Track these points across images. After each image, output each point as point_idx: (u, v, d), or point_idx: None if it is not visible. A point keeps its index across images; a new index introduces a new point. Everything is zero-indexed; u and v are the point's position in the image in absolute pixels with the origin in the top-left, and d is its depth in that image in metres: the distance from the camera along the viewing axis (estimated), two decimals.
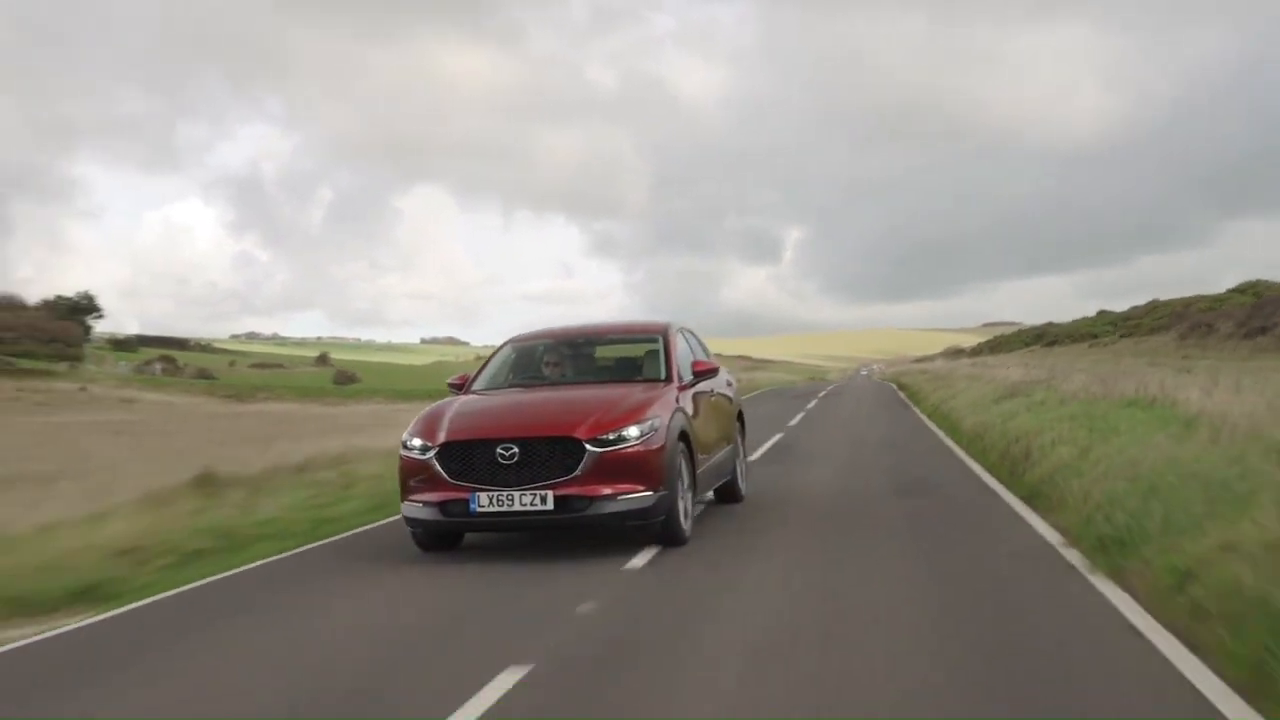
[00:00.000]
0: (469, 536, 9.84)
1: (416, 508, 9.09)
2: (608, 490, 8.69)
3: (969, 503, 11.43)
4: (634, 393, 9.51)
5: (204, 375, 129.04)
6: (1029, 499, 10.96)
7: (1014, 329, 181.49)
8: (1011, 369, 35.92)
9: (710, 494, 11.29)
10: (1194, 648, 5.58)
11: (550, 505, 8.62)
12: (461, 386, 10.65)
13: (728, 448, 11.44)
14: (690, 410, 9.95)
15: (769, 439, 21.24)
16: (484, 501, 8.70)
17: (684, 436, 9.46)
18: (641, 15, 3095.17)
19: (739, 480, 12.00)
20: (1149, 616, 6.30)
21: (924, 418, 27.39)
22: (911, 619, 6.63)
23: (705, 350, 11.80)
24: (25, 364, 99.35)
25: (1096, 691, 5.10)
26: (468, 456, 8.85)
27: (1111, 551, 7.63)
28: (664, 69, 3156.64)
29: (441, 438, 9.01)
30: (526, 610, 7.46)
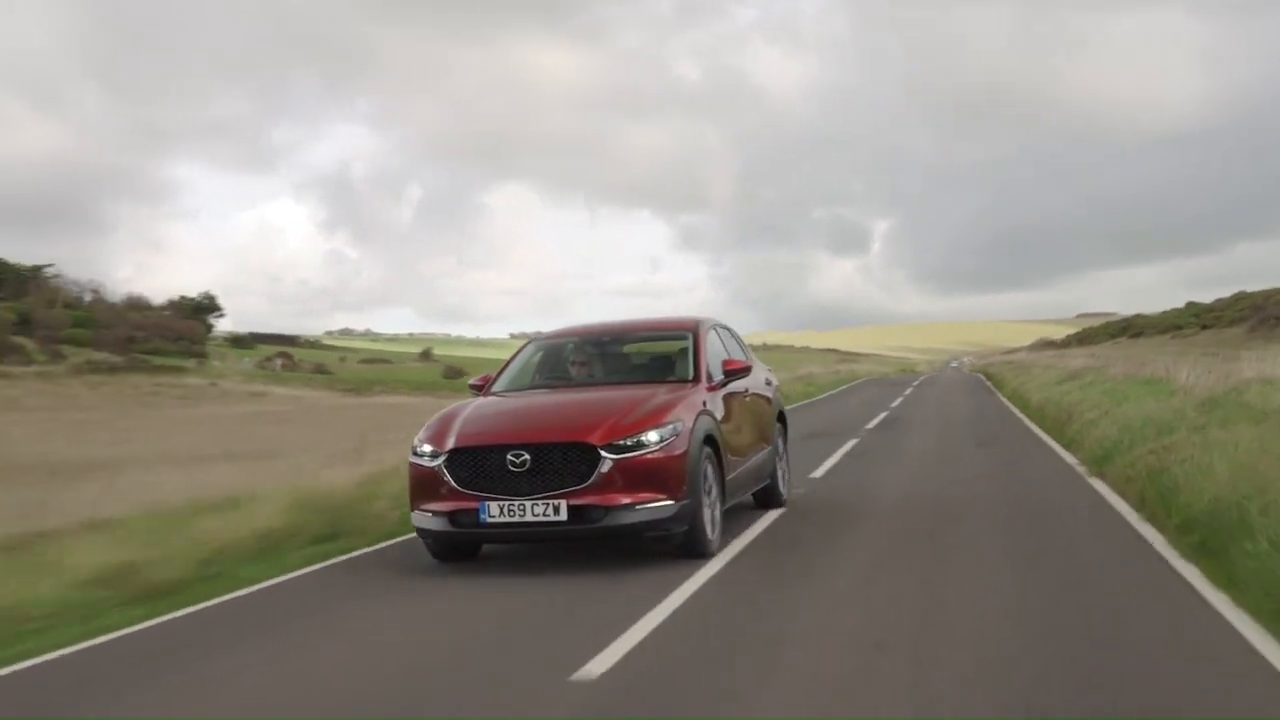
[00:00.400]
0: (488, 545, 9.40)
1: (426, 518, 8.67)
2: (625, 499, 8.21)
3: (1026, 447, 17.46)
4: (656, 395, 9.01)
5: (321, 370, 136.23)
6: (1065, 444, 16.98)
7: (1105, 320, 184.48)
8: (1078, 359, 41.75)
9: (749, 498, 11.05)
10: (1120, 495, 11.47)
11: (564, 515, 8.17)
12: (483, 388, 10.28)
13: (764, 451, 10.97)
14: (719, 412, 9.49)
15: (879, 415, 27.32)
16: (494, 511, 8.25)
17: (710, 441, 8.98)
18: (725, 8, 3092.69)
19: (779, 484, 11.53)
20: (1106, 486, 12.23)
21: (1003, 398, 33.66)
22: (988, 492, 12.65)
23: (743, 348, 11.47)
24: (157, 361, 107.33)
25: (1073, 509, 11.00)
26: (477, 463, 8.42)
27: (1100, 464, 13.52)
28: (748, 61, 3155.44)
29: (450, 443, 8.58)
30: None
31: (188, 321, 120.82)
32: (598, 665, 5.96)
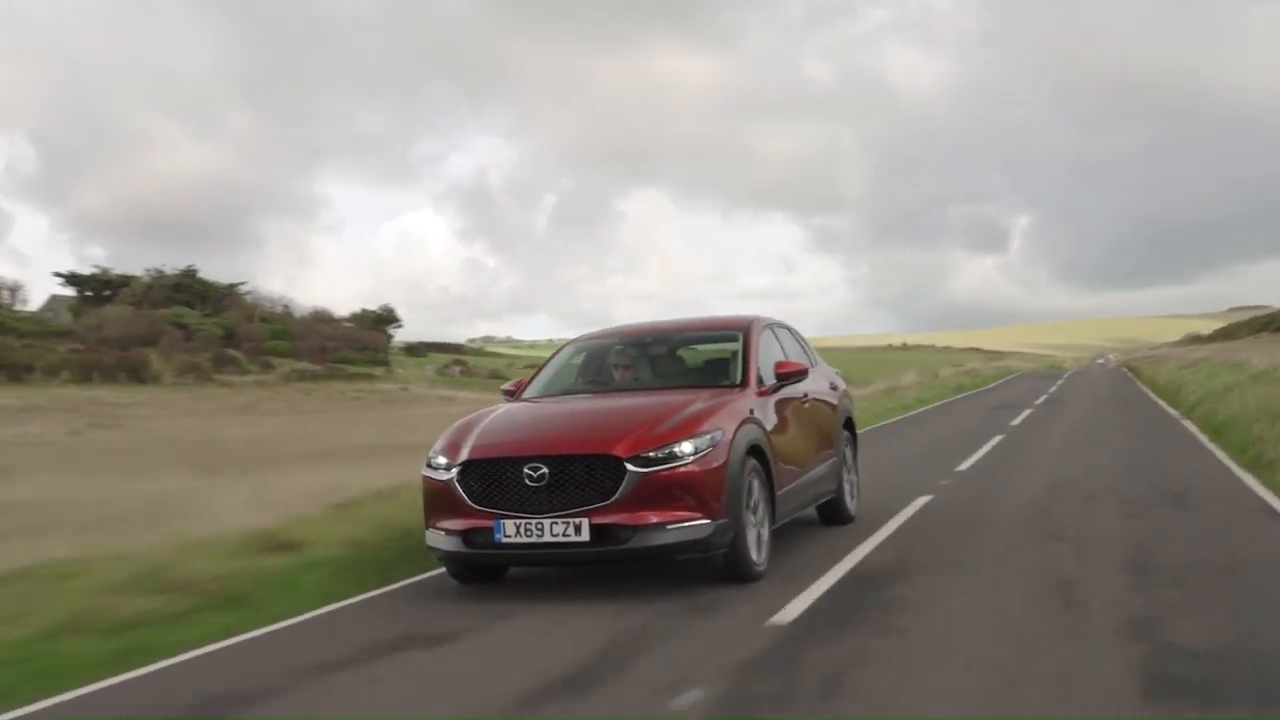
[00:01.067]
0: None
1: (439, 537, 7.93)
2: (655, 518, 7.38)
3: (1146, 406, 28.09)
4: (695, 401, 8.18)
5: (495, 376, 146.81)
6: (1169, 403, 27.69)
7: (1255, 313, 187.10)
8: (1201, 351, 51.27)
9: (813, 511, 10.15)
10: (1189, 419, 21.80)
11: (586, 536, 7.36)
12: (516, 392, 9.69)
13: (826, 462, 10.06)
14: (770, 420, 8.66)
15: (1041, 396, 37.54)
16: (510, 530, 7.48)
17: (756, 451, 8.13)
18: (857, 8, 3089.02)
19: (846, 498, 10.56)
20: (1183, 416, 22.83)
21: (1138, 383, 43.28)
22: (1122, 423, 23.31)
23: (806, 350, 10.76)
24: (350, 369, 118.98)
25: (1163, 425, 21.12)
26: (491, 477, 7.68)
27: (1184, 409, 23.65)
28: (882, 60, 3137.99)
29: (464, 455, 7.85)
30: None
31: (370, 332, 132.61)
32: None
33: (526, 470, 7.62)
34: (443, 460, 8.07)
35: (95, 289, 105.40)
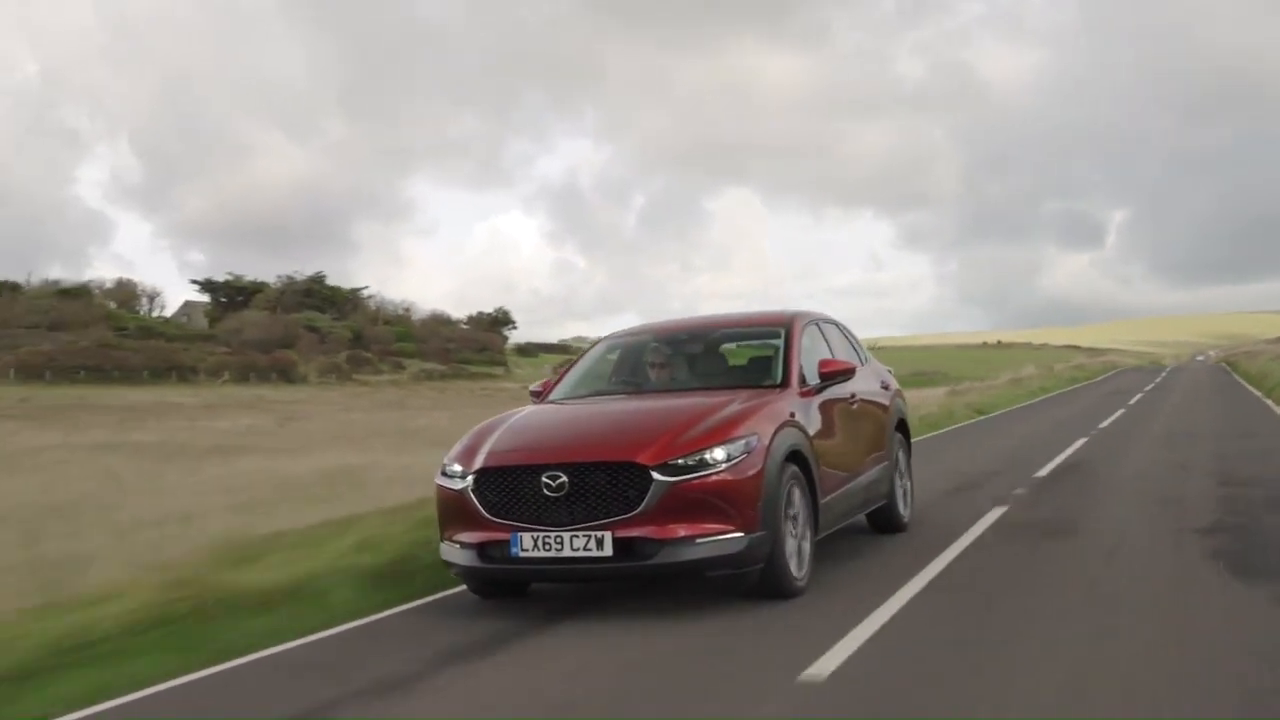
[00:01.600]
0: None
1: (454, 550, 7.34)
2: (683, 531, 6.77)
3: (1238, 390, 33.92)
4: (731, 404, 7.50)
5: None
6: (1254, 386, 33.33)
7: None
8: None
9: (863, 517, 9.49)
10: (1270, 398, 27.47)
11: (609, 550, 6.75)
12: (543, 394, 8.98)
13: (877, 467, 9.31)
14: (813, 423, 7.97)
15: (1149, 385, 43.84)
16: (527, 544, 6.89)
17: (797, 457, 7.49)
18: (948, 4, 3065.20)
19: (899, 505, 9.84)
20: (1265, 395, 28.63)
21: (1235, 375, 49.54)
22: (1214, 403, 29.22)
23: (856, 347, 10.06)
24: (471, 369, 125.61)
25: (1249, 402, 27.25)
26: (508, 487, 7.07)
27: (1271, 393, 29.48)
28: (974, 55, 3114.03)
29: (479, 462, 7.24)
30: None
31: (488, 333, 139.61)
32: None
33: (545, 479, 6.89)
34: (457, 468, 7.37)
35: (229, 295, 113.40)
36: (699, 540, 6.87)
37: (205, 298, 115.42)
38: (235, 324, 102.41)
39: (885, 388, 10.17)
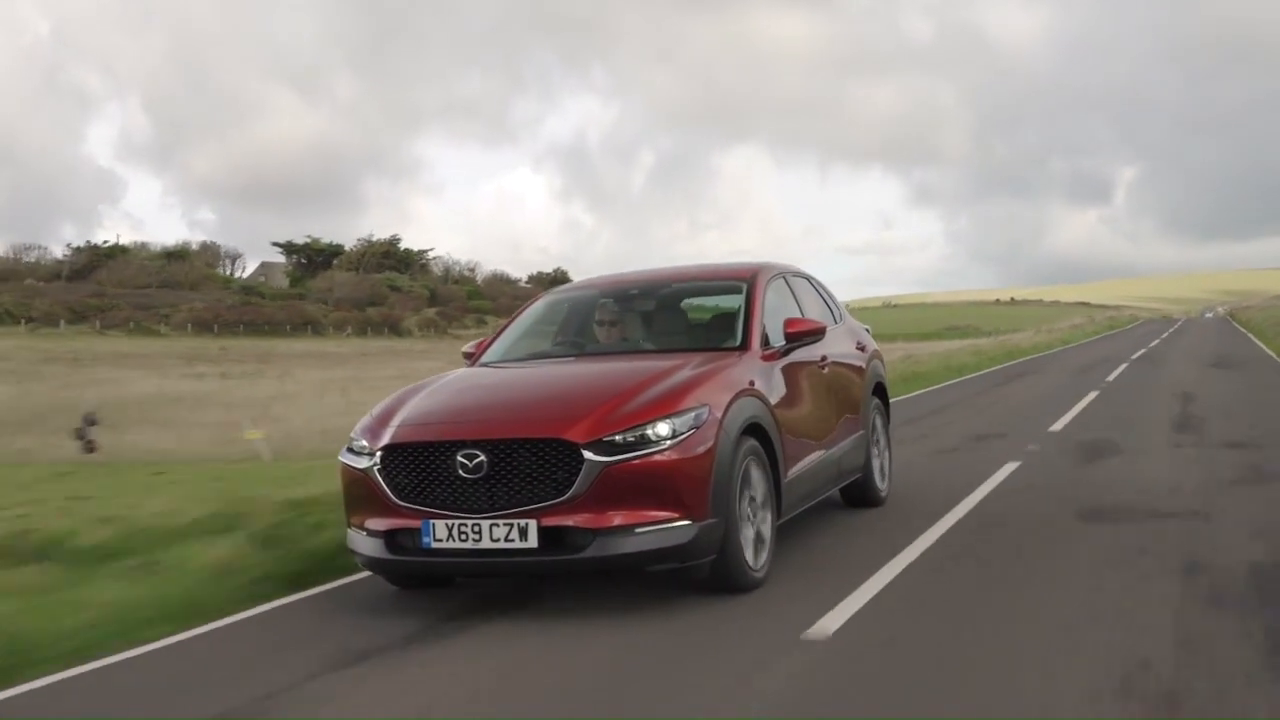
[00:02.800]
0: None
1: (360, 537, 6.43)
2: (620, 519, 5.88)
3: (1235, 335, 47.62)
4: (680, 369, 6.59)
5: None
6: (1249, 331, 47.17)
7: None
8: None
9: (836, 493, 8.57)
10: (1261, 340, 40.95)
11: (533, 541, 5.86)
12: (476, 355, 8.11)
13: (849, 438, 8.38)
14: (775, 390, 7.07)
15: (1166, 332, 57.97)
16: (440, 533, 6.01)
17: (756, 430, 6.58)
18: None
19: (875, 478, 8.99)
20: (1256, 338, 42.02)
21: (1235, 324, 64.46)
22: (1219, 338, 42.67)
23: (830, 303, 9.17)
24: None
25: (1243, 343, 39.91)
26: (418, 467, 6.15)
27: (1260, 335, 43.36)
28: (981, 15, 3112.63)
29: (385, 438, 6.32)
30: None
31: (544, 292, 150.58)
32: None
33: (460, 458, 5.91)
34: (363, 443, 6.37)
35: (309, 256, 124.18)
36: (639, 530, 5.81)
37: (281, 259, 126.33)
38: (326, 284, 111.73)
39: (861, 349, 9.15)
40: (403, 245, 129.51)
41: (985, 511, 8.47)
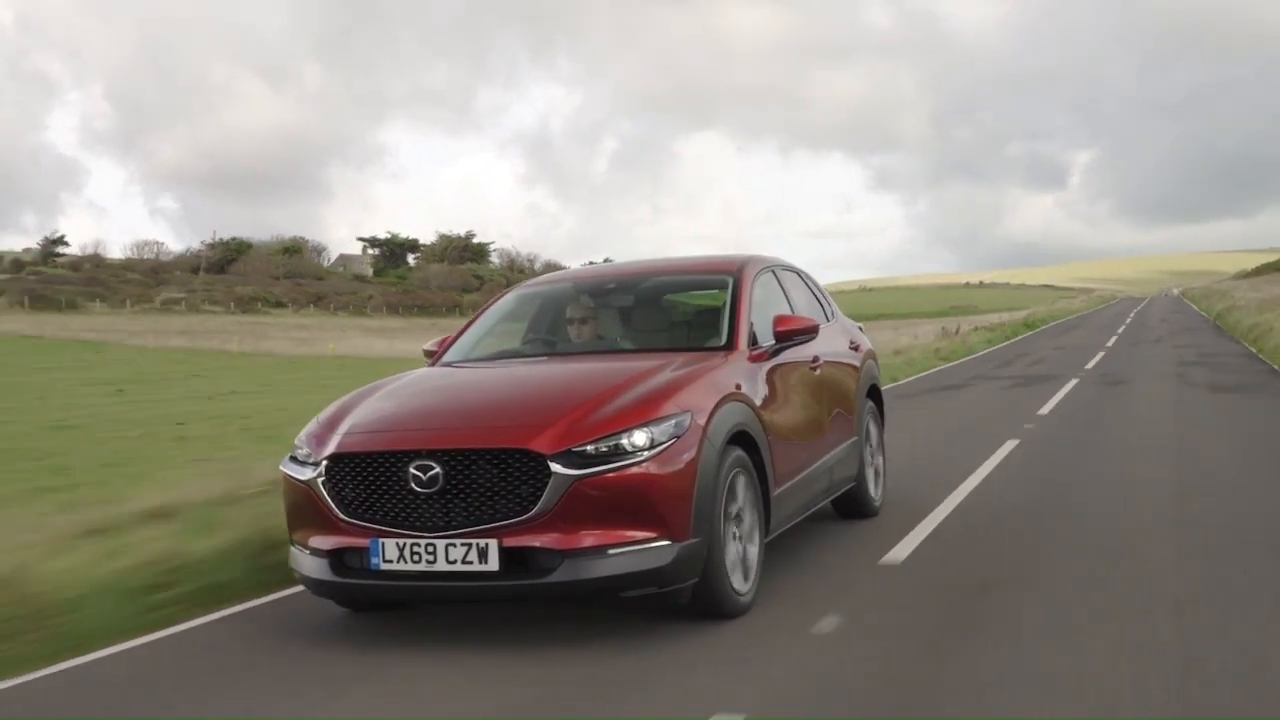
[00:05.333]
0: None
1: (303, 557, 5.89)
2: (592, 539, 5.35)
3: (1186, 311, 75.56)
4: (661, 370, 6.12)
5: None
6: (1199, 308, 75.40)
7: None
8: (1242, 283, 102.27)
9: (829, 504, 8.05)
10: (1204, 315, 68.43)
11: (494, 564, 5.34)
12: (438, 354, 7.55)
13: (843, 445, 7.98)
14: (761, 393, 6.58)
15: (1140, 305, 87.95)
16: (390, 554, 5.47)
17: (742, 439, 6.12)
18: None
19: (869, 487, 8.55)
20: (1204, 313, 69.07)
21: (1187, 301, 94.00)
22: (1177, 314, 69.57)
23: (821, 298, 8.79)
24: None
25: (1193, 316, 66.74)
26: (366, 479, 5.63)
27: (1208, 312, 71.92)
28: (938, 4, 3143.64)
29: (331, 446, 5.78)
30: None
31: None
32: None
33: (413, 470, 5.42)
34: (304, 451, 5.89)
35: (391, 249, 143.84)
36: (612, 551, 5.31)
37: (357, 250, 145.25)
38: (423, 274, 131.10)
39: (855, 348, 8.68)
40: (476, 240, 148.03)
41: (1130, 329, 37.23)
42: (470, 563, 5.35)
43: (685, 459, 5.55)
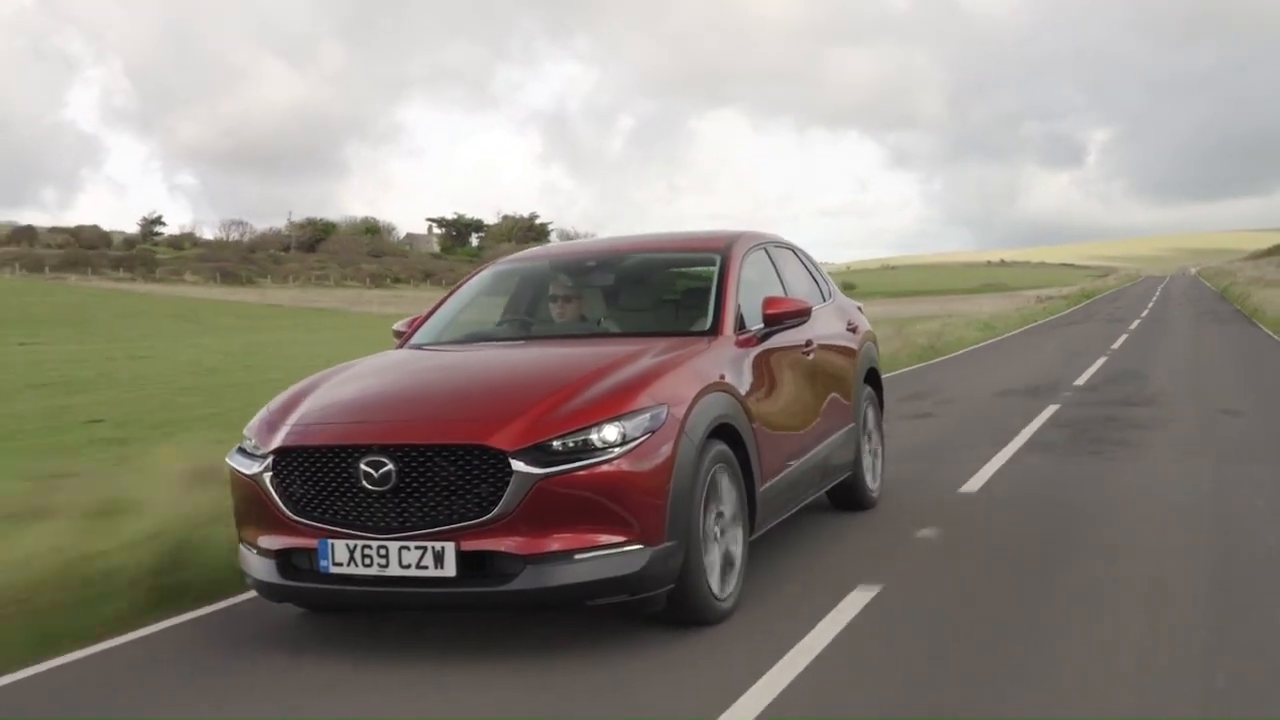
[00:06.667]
0: None
1: (250, 556, 5.66)
2: (557, 543, 5.07)
3: (1201, 288, 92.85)
4: (638, 357, 5.82)
5: None
6: (1212, 286, 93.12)
7: None
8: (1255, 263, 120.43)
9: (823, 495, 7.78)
10: (1222, 296, 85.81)
11: (451, 569, 5.07)
12: (407, 335, 7.25)
13: (838, 432, 7.70)
14: (747, 381, 6.27)
15: (1163, 284, 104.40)
16: (340, 556, 5.20)
17: (725, 432, 5.83)
18: None
19: (865, 478, 8.30)
20: (1216, 291, 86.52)
21: (1204, 281, 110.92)
22: (1193, 289, 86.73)
23: (817, 276, 8.45)
24: None
25: (1205, 290, 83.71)
26: (315, 474, 5.35)
27: (1218, 289, 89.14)
28: None
29: (278, 438, 5.50)
30: None
31: None
32: None
33: (364, 466, 5.15)
34: (251, 442, 5.64)
35: (458, 230, 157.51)
36: (579, 556, 5.04)
37: (423, 230, 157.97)
38: (493, 253, 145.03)
39: (853, 329, 8.40)
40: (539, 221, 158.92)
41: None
42: (425, 567, 5.01)
43: (660, 456, 5.20)
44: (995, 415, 13.46)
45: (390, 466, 5.09)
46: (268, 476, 5.42)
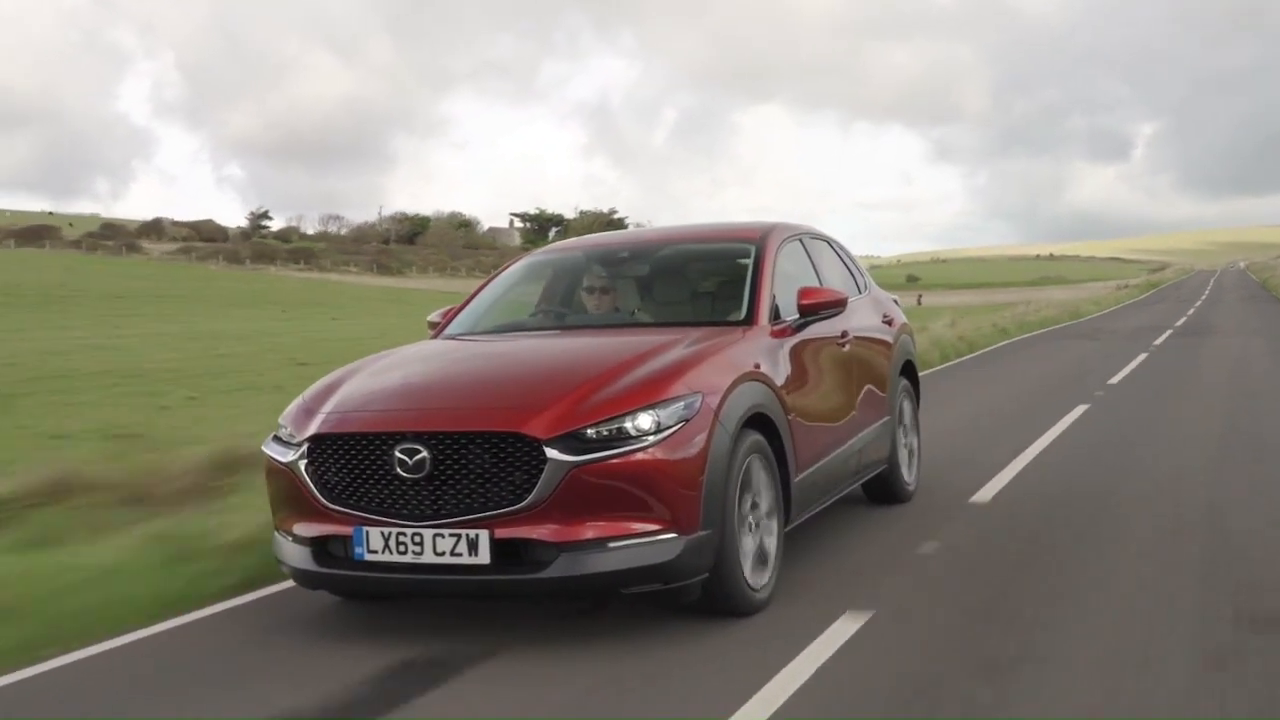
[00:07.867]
0: None
1: (285, 543, 5.82)
2: (592, 531, 5.20)
3: (1248, 282, 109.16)
4: (673, 346, 5.95)
5: None
6: (1255, 276, 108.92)
7: None
8: None
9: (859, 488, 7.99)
10: (1264, 287, 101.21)
11: (485, 556, 5.21)
12: (441, 326, 7.47)
13: (873, 425, 7.86)
14: (784, 371, 6.38)
15: (1214, 277, 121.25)
16: (375, 543, 5.36)
17: (760, 421, 5.94)
18: None
19: (902, 471, 8.48)
20: (1259, 284, 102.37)
21: (1251, 275, 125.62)
22: (1239, 282, 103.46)
23: (852, 268, 8.62)
24: None
25: (1249, 282, 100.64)
26: (350, 462, 5.51)
27: (1264, 283, 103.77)
28: None
29: (314, 426, 5.68)
30: None
31: None
32: None
33: (399, 454, 5.30)
34: (289, 431, 5.81)
35: (539, 224, 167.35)
36: (613, 544, 5.15)
37: (504, 224, 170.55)
38: None
39: (888, 322, 8.59)
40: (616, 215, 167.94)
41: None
42: (459, 555, 5.14)
43: (695, 444, 5.29)
44: (1145, 334, 29.63)
45: (425, 454, 5.17)
46: (303, 464, 5.52)
